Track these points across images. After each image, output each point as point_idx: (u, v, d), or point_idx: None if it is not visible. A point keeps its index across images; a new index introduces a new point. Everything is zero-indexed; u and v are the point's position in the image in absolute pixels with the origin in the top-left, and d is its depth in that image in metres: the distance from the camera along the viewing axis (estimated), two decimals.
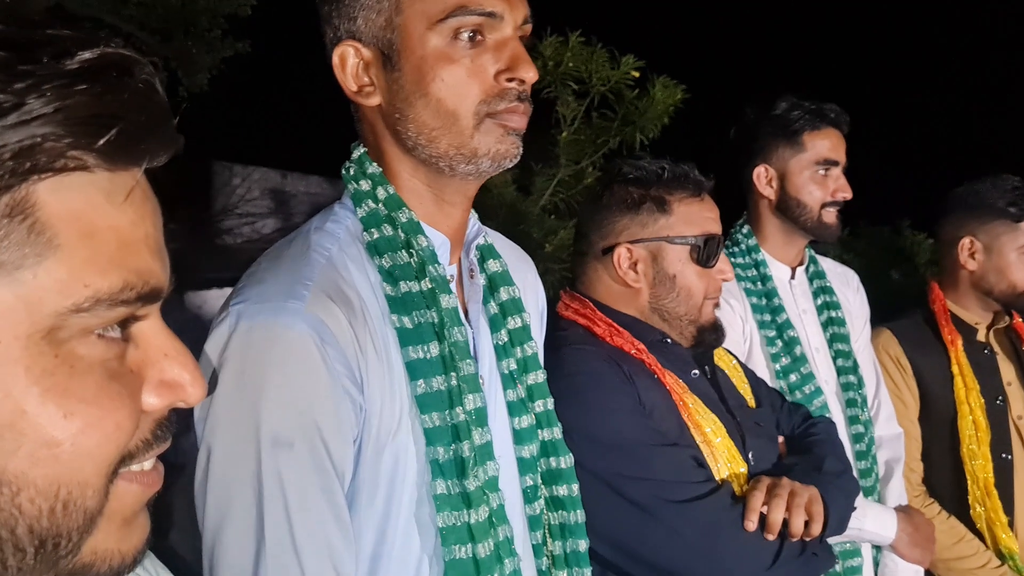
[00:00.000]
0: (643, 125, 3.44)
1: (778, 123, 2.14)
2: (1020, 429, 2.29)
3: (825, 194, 2.10)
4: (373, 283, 1.11)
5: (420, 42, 1.09)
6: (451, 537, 1.08)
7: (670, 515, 1.44)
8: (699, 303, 1.63)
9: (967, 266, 2.33)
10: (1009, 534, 2.20)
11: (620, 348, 1.58)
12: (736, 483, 1.53)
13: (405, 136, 1.13)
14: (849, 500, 1.62)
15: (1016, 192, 2.27)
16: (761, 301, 2.11)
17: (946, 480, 2.26)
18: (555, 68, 3.45)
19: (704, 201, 1.65)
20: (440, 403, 1.09)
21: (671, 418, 1.53)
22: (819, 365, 2.12)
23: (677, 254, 1.62)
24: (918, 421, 2.30)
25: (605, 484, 1.45)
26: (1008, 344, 2.38)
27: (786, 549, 1.45)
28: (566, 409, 1.36)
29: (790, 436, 1.75)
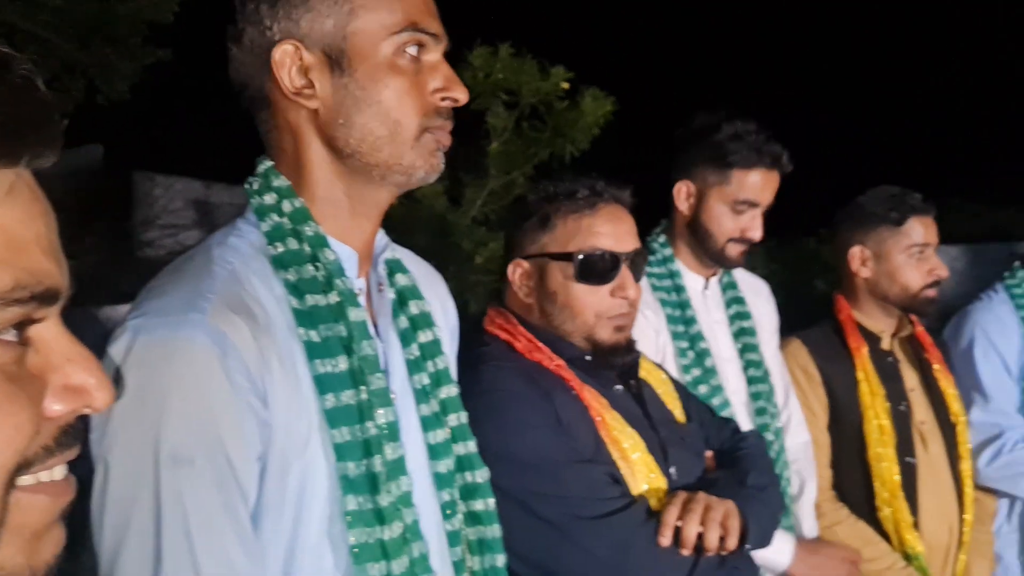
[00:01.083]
0: (573, 137, 3.46)
1: (715, 148, 2.11)
2: (923, 434, 2.36)
3: (735, 230, 2.11)
4: (278, 296, 1.10)
5: (373, 50, 1.11)
6: (364, 555, 1.06)
7: (582, 532, 1.45)
8: (589, 322, 1.60)
9: (861, 274, 2.41)
10: (914, 535, 2.27)
11: (539, 363, 1.58)
12: (655, 499, 1.54)
13: (345, 143, 1.12)
14: (772, 513, 1.64)
15: (895, 199, 2.37)
16: (676, 312, 2.13)
17: (855, 484, 2.32)
18: (485, 79, 3.45)
19: (598, 215, 1.61)
20: (350, 417, 1.08)
21: (587, 434, 1.54)
22: (729, 376, 2.16)
23: (559, 270, 1.60)
24: (827, 428, 2.36)
25: (519, 502, 1.45)
26: (911, 352, 2.47)
27: (702, 564, 1.47)
28: (482, 427, 1.35)
29: (719, 450, 1.76)
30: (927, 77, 10.50)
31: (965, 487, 2.37)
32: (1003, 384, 2.48)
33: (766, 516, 1.59)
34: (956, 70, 10.43)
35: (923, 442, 2.36)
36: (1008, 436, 2.42)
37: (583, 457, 1.51)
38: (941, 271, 2.37)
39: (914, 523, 2.28)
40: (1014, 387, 2.48)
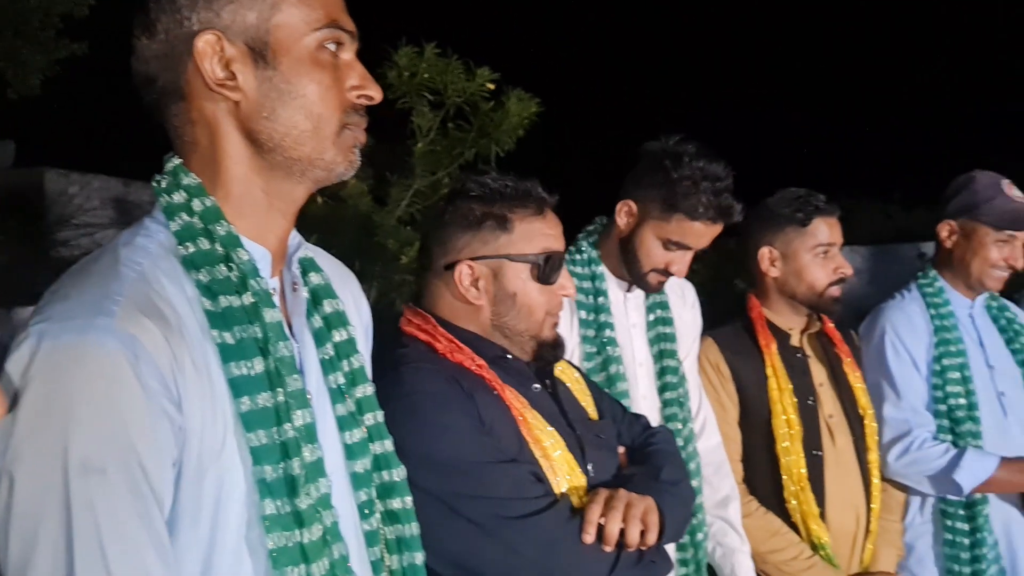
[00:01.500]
0: (498, 137, 3.48)
1: (667, 186, 2.08)
2: (831, 427, 2.44)
3: (661, 262, 2.14)
4: (190, 298, 1.08)
5: (297, 44, 1.11)
6: (283, 559, 1.05)
7: (508, 532, 1.46)
8: (540, 320, 1.65)
9: (770, 274, 2.49)
10: (821, 525, 2.35)
11: (461, 364, 1.59)
12: (575, 496, 1.57)
13: (268, 136, 1.12)
14: (686, 507, 1.69)
15: (800, 200, 2.45)
16: (590, 316, 2.16)
17: (764, 477, 2.39)
18: (410, 79, 3.44)
19: (546, 218, 1.67)
20: (266, 420, 1.07)
21: (510, 434, 1.56)
22: (640, 380, 2.20)
23: (518, 271, 1.63)
24: (737, 423, 2.43)
25: (443, 504, 1.46)
26: (820, 348, 2.55)
27: (623, 559, 1.50)
28: (404, 429, 1.36)
29: (631, 447, 1.80)
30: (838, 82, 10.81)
31: (872, 477, 2.46)
32: (913, 381, 2.56)
33: (680, 510, 1.63)
34: (867, 75, 10.76)
35: (831, 435, 2.44)
36: (916, 434, 2.50)
37: (507, 457, 1.52)
38: (846, 269, 2.45)
39: (821, 513, 2.36)
40: (923, 384, 2.57)
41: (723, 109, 10.16)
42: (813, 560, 2.32)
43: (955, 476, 2.40)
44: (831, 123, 10.44)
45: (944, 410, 2.53)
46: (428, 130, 3.55)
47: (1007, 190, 2.59)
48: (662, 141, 2.15)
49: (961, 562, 2.49)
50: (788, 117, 10.55)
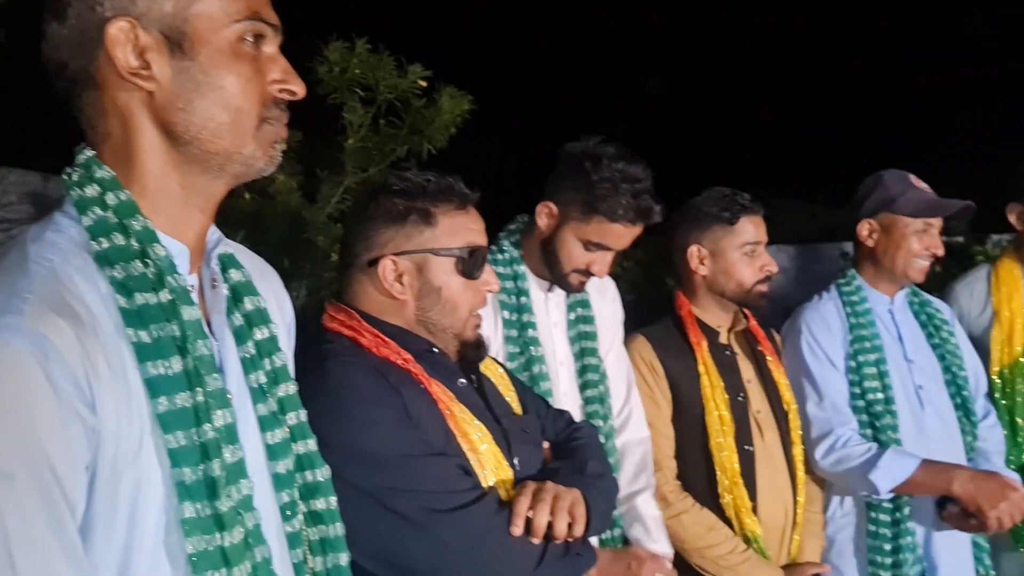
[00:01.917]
0: (431, 135, 3.45)
1: (586, 189, 2.10)
2: (759, 422, 2.49)
3: (582, 263, 2.16)
4: (104, 295, 1.05)
5: (216, 35, 1.08)
6: (203, 563, 1.03)
7: (437, 526, 1.46)
8: (464, 316, 1.66)
9: (699, 272, 2.53)
10: (753, 519, 2.40)
11: (387, 359, 1.58)
12: (502, 489, 1.58)
13: (185, 129, 1.09)
14: (610, 501, 1.72)
15: (727, 199, 2.50)
16: (512, 316, 2.17)
17: (698, 473, 2.43)
18: (341, 74, 3.39)
19: (469, 213, 1.68)
20: (185, 421, 1.05)
21: (438, 427, 1.56)
22: (562, 378, 2.21)
23: (442, 266, 1.64)
24: (671, 420, 2.45)
25: (371, 499, 1.45)
26: (746, 345, 2.61)
27: (550, 551, 1.52)
28: (330, 424, 1.36)
29: (555, 441, 1.81)
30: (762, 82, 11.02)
31: (797, 471, 2.52)
32: (832, 380, 2.63)
33: (604, 504, 1.66)
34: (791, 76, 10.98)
35: (759, 430, 2.49)
36: (839, 432, 2.57)
37: (435, 451, 1.52)
38: (772, 267, 2.51)
39: (753, 508, 2.40)
40: (842, 381, 2.63)
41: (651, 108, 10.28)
42: (748, 554, 2.37)
43: (871, 476, 2.47)
44: (756, 123, 10.65)
45: (862, 406, 2.60)
46: (359, 126, 3.50)
47: (916, 183, 2.69)
48: (582, 142, 2.16)
49: (884, 553, 2.55)
50: (714, 117, 10.73)
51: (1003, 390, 2.85)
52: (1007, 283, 2.94)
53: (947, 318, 2.83)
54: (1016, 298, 2.91)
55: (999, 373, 2.87)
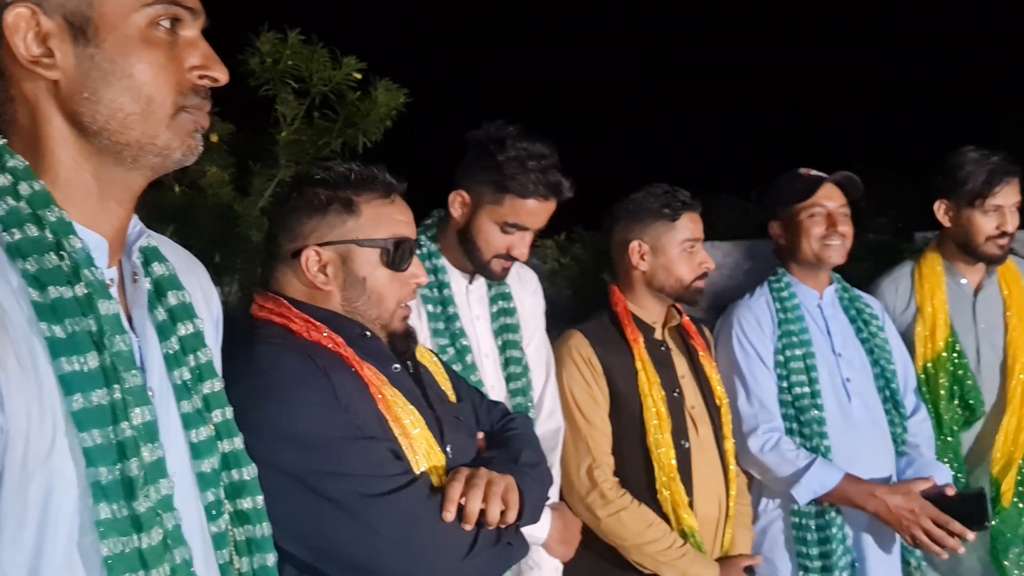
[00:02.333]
0: (366, 128, 3.41)
1: (494, 169, 2.10)
2: (694, 417, 2.51)
3: (502, 247, 2.16)
4: (15, 289, 1.00)
5: (124, 21, 1.03)
6: (119, 566, 0.99)
7: (367, 510, 1.44)
8: (391, 307, 1.64)
9: (639, 267, 2.53)
10: (690, 514, 2.41)
11: (318, 343, 1.55)
12: (435, 476, 1.56)
13: (91, 119, 1.04)
14: (543, 490, 1.71)
15: (667, 195, 2.52)
16: (437, 309, 2.16)
17: (636, 469, 2.43)
18: (273, 66, 3.33)
19: (395, 204, 1.65)
20: (102, 419, 1.00)
21: (369, 411, 1.53)
22: (487, 371, 2.21)
23: (367, 257, 1.61)
24: (609, 417, 2.45)
25: (300, 482, 1.42)
26: (680, 341, 2.63)
27: (481, 538, 1.50)
28: (257, 407, 1.34)
29: (489, 431, 1.80)
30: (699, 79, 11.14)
31: (730, 465, 2.54)
32: (760, 376, 2.67)
33: (538, 492, 1.65)
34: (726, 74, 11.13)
35: (694, 425, 2.51)
36: (764, 429, 2.62)
37: (365, 434, 1.50)
38: (709, 264, 2.54)
39: (689, 502, 2.42)
40: (771, 378, 2.68)
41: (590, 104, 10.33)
42: (685, 548, 2.38)
43: (792, 490, 2.55)
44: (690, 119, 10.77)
45: (789, 400, 2.65)
46: (293, 119, 3.43)
47: (802, 172, 2.77)
48: (484, 128, 2.16)
49: (809, 544, 2.60)
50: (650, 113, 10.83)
51: (926, 384, 2.92)
52: (930, 279, 3.00)
53: (876, 312, 2.88)
54: (938, 294, 2.98)
55: (923, 368, 2.93)
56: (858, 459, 2.64)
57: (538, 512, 1.68)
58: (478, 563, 1.49)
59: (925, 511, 2.50)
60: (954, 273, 3.02)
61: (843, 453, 2.62)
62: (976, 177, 2.89)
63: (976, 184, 2.88)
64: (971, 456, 2.94)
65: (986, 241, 2.92)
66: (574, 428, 2.42)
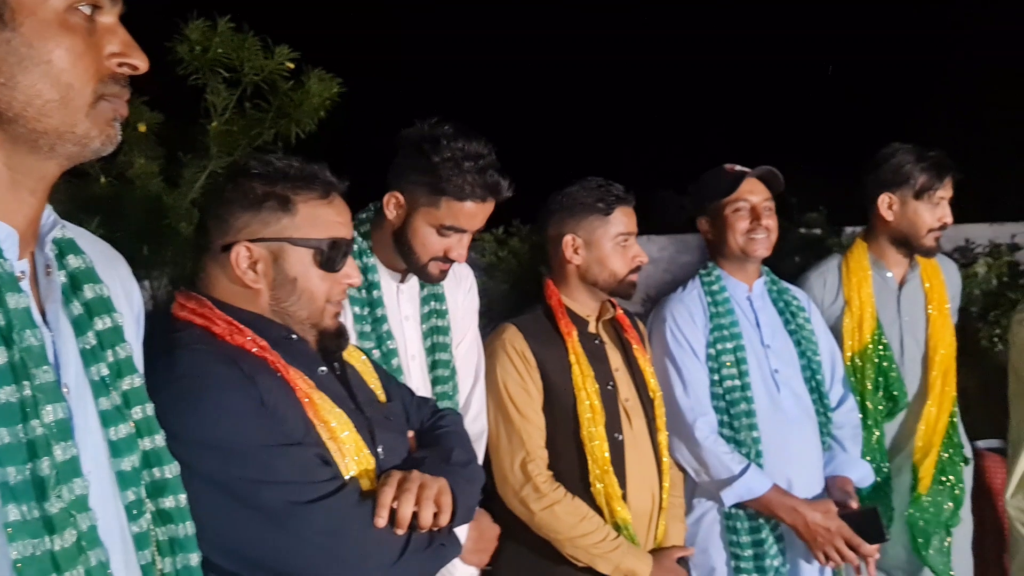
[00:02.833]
0: (299, 118, 3.35)
1: (430, 171, 2.04)
2: (627, 410, 2.53)
3: (439, 250, 2.11)
4: None
5: (42, 5, 1.00)
6: (30, 569, 0.96)
7: (294, 518, 1.41)
8: (321, 307, 1.60)
9: (573, 261, 2.54)
10: (623, 506, 2.43)
11: (241, 347, 1.51)
12: (365, 479, 1.53)
13: (7, 106, 1.00)
14: (475, 489, 1.70)
15: (602, 189, 2.53)
16: (364, 311, 2.12)
17: (570, 462, 2.44)
18: (203, 54, 3.25)
19: (333, 203, 1.61)
20: (10, 417, 0.97)
21: (295, 416, 1.50)
22: (413, 373, 2.18)
23: (300, 256, 1.57)
24: (543, 410, 2.45)
25: (225, 492, 1.39)
26: (614, 334, 2.64)
27: (413, 542, 1.48)
28: (179, 415, 1.30)
29: (420, 430, 1.78)
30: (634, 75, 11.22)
31: (663, 457, 2.57)
32: (694, 370, 2.70)
33: (470, 492, 1.64)
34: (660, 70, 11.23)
35: (628, 418, 2.52)
36: (698, 424, 2.65)
37: (292, 440, 1.46)
38: (642, 258, 2.55)
39: (623, 495, 2.43)
40: (703, 371, 2.71)
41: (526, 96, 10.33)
42: (619, 541, 2.40)
43: (721, 492, 2.61)
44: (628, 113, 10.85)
45: (720, 392, 2.69)
46: (223, 109, 3.36)
47: (727, 168, 2.81)
48: (418, 127, 2.10)
49: (740, 532, 2.66)
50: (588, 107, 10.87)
51: (853, 376, 3.00)
52: (857, 273, 3.08)
53: (804, 305, 2.94)
54: (865, 287, 3.05)
55: (850, 359, 3.01)
56: (787, 448, 2.70)
57: (471, 511, 1.67)
58: (409, 567, 1.47)
59: (840, 532, 2.59)
60: (880, 267, 3.10)
61: (773, 443, 2.68)
62: (924, 171, 2.98)
63: (925, 177, 2.98)
64: (893, 445, 3.04)
65: (927, 233, 3.02)
66: (508, 422, 2.41)
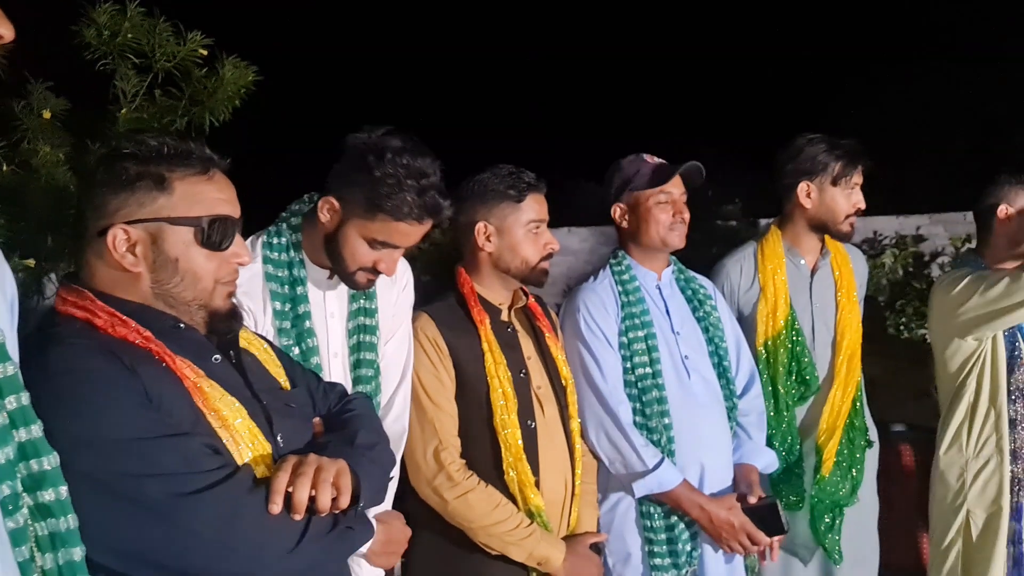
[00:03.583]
0: (213, 107, 3.27)
1: (370, 186, 2.00)
2: (539, 398, 2.54)
3: (366, 261, 2.07)
4: None
5: None
6: None
7: (182, 510, 1.37)
8: (209, 287, 1.56)
9: (485, 248, 2.54)
10: (536, 493, 2.44)
11: (124, 339, 1.47)
12: (261, 466, 1.50)
13: None
14: (383, 471, 1.68)
15: (513, 176, 2.52)
16: (285, 307, 2.08)
17: (483, 450, 2.44)
18: (111, 39, 3.14)
19: (213, 180, 1.57)
20: None
21: (183, 406, 1.47)
22: (334, 371, 2.15)
23: (179, 236, 1.53)
24: (455, 399, 2.45)
25: (107, 489, 1.34)
26: (526, 322, 2.65)
27: (313, 527, 1.45)
28: (57, 412, 1.26)
29: (326, 415, 1.75)
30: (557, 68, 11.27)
31: (575, 444, 2.58)
32: (607, 357, 2.72)
33: (377, 474, 1.62)
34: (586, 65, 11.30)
35: (541, 406, 2.53)
36: (619, 413, 2.67)
37: (176, 431, 1.42)
38: (554, 245, 2.55)
39: (536, 482, 2.45)
40: (616, 360, 2.73)
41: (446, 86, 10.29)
42: (532, 528, 2.41)
43: (633, 484, 2.63)
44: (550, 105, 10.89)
45: (632, 380, 2.72)
46: (133, 95, 3.25)
47: (648, 159, 2.85)
48: (366, 134, 2.05)
49: (653, 518, 2.69)
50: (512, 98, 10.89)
51: (767, 361, 3.07)
52: (772, 260, 3.16)
53: (710, 292, 3.00)
54: (780, 274, 3.14)
55: (764, 344, 3.09)
56: (698, 433, 2.74)
57: (381, 493, 1.65)
58: (310, 553, 1.44)
59: (744, 527, 2.66)
60: (794, 254, 3.19)
61: (684, 429, 2.72)
62: (839, 159, 3.09)
63: (840, 165, 3.09)
64: (802, 428, 3.13)
65: (844, 219, 3.12)
66: (420, 410, 2.40)
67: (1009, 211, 3.23)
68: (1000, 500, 3.16)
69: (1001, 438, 3.17)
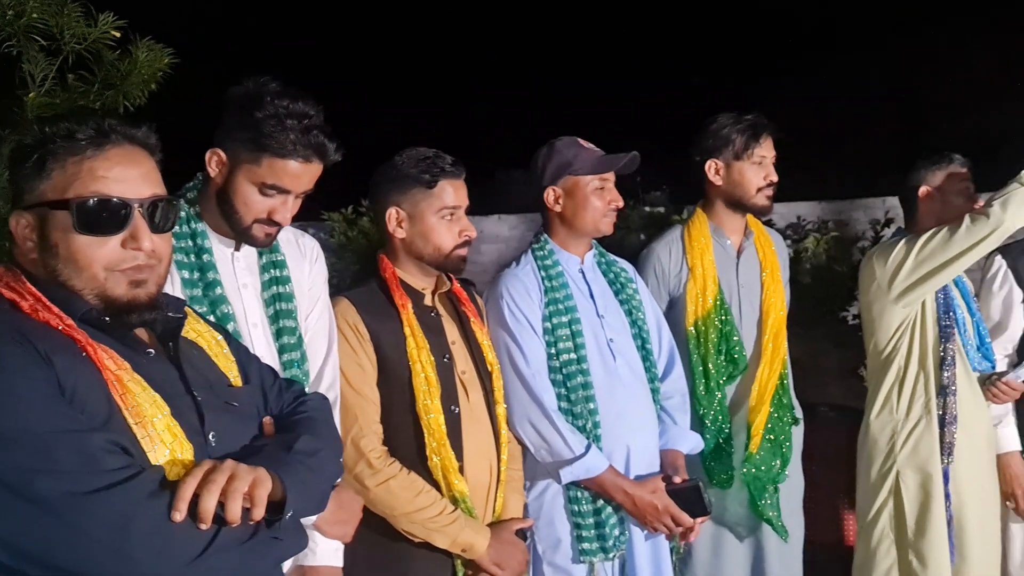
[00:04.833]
0: (127, 90, 3.16)
1: (251, 127, 1.98)
2: (464, 383, 2.52)
3: (262, 211, 2.05)
4: None
5: None
6: None
7: (76, 510, 1.30)
8: (99, 276, 1.47)
9: (397, 235, 2.50)
10: (460, 479, 2.42)
11: (47, 324, 1.41)
12: (179, 468, 1.43)
13: None
14: (324, 479, 1.62)
15: (427, 161, 2.48)
16: (194, 275, 2.05)
17: (406, 436, 2.41)
18: (16, 19, 3.01)
19: (97, 160, 1.47)
20: None
21: (98, 400, 1.40)
22: (257, 342, 2.11)
23: (58, 220, 1.46)
24: (377, 384, 2.42)
25: (6, 485, 1.29)
26: (451, 307, 2.62)
27: (223, 537, 1.37)
28: None
29: (278, 415, 1.69)
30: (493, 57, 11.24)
31: (501, 429, 2.57)
32: (531, 344, 2.70)
33: (313, 482, 1.55)
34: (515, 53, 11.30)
35: (465, 391, 2.51)
36: (544, 400, 2.65)
37: (85, 426, 1.36)
38: (470, 232, 2.52)
39: (460, 468, 2.42)
40: (540, 346, 2.72)
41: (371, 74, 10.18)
42: (456, 514, 2.39)
43: (560, 471, 2.63)
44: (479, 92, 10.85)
45: (557, 365, 2.71)
46: (43, 79, 3.13)
47: (585, 145, 2.84)
48: (244, 84, 2.05)
49: (581, 503, 2.69)
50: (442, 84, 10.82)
51: (698, 340, 3.10)
52: (699, 241, 3.19)
53: (631, 276, 3.02)
54: (707, 255, 3.17)
55: (694, 324, 3.12)
56: (625, 416, 2.75)
57: (315, 503, 1.59)
58: (215, 564, 1.36)
59: (668, 509, 2.68)
60: (720, 235, 3.23)
61: (611, 412, 2.72)
62: (741, 133, 3.13)
63: (743, 138, 3.12)
64: (731, 406, 3.17)
65: (757, 192, 3.16)
66: (341, 397, 2.34)
67: (929, 189, 3.32)
68: (931, 463, 3.22)
69: (930, 400, 3.25)
